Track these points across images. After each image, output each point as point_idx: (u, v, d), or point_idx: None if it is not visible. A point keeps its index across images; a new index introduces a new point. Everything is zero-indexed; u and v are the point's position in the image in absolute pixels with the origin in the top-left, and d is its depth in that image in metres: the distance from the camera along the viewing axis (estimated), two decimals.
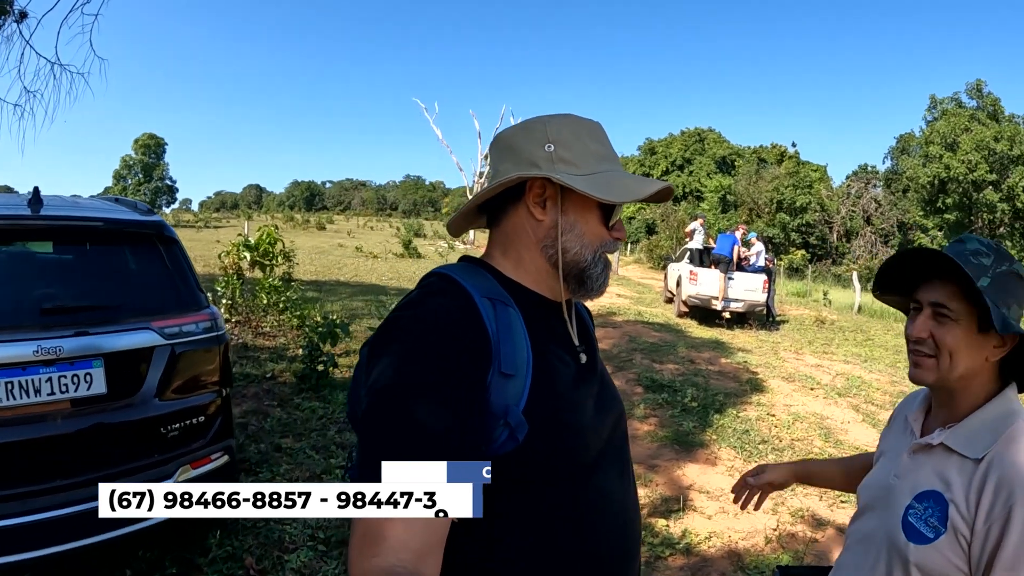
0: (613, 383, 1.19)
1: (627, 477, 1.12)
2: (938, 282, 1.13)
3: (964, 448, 1.11)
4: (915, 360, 1.17)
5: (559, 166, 1.00)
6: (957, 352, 1.11)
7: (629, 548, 1.08)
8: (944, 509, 1.08)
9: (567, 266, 1.04)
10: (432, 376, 0.86)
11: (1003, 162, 28.93)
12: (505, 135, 1.08)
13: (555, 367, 1.00)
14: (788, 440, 5.63)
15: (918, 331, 1.14)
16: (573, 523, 0.98)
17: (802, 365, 8.95)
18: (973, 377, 1.14)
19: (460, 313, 0.93)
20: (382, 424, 0.85)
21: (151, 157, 64.39)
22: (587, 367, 1.09)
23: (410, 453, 0.82)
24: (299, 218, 59.54)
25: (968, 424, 1.13)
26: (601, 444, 1.05)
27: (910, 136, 35.57)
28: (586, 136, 1.05)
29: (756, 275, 12.14)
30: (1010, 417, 1.11)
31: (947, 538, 1.06)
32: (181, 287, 2.91)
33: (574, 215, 1.03)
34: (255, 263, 8.62)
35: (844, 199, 38.16)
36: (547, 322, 1.05)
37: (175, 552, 3.01)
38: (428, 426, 0.83)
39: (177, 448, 2.75)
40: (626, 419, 1.20)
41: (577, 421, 1.01)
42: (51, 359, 2.46)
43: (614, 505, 1.05)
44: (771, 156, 48.21)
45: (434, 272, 1.04)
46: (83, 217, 2.81)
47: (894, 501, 1.18)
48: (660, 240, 28.56)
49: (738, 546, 3.67)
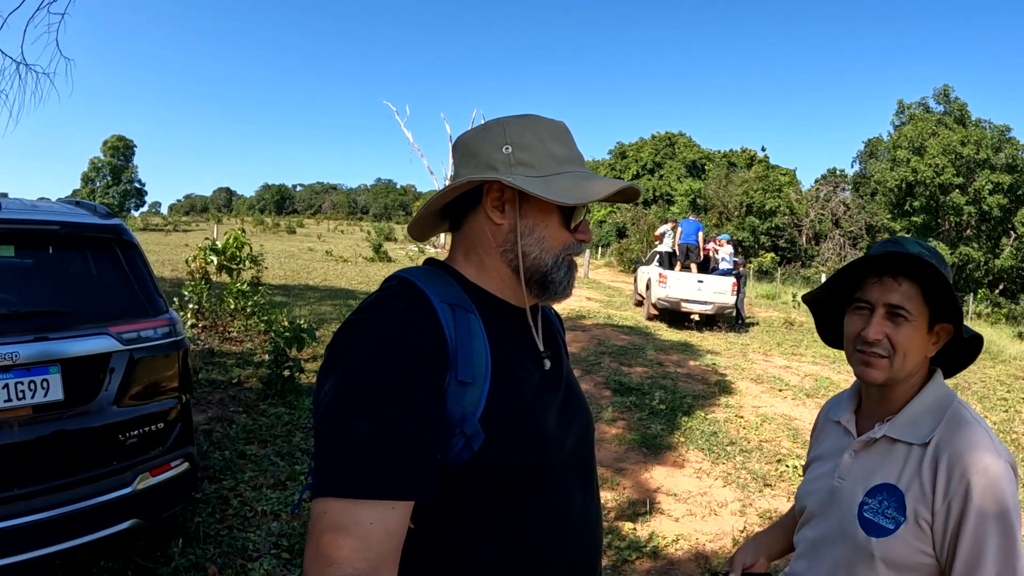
0: (581, 390, 1.18)
1: (590, 489, 1.11)
2: (893, 282, 1.14)
3: (908, 436, 1.14)
4: (867, 360, 1.17)
5: (517, 168, 0.98)
6: (910, 352, 1.15)
7: (588, 563, 1.06)
8: (900, 498, 1.11)
9: (528, 271, 1.01)
10: (389, 379, 0.84)
11: (969, 166, 29.55)
12: (465, 137, 1.06)
13: (516, 376, 0.98)
14: (756, 441, 5.71)
15: (874, 333, 1.15)
16: (531, 536, 0.96)
17: (771, 367, 9.08)
18: (914, 372, 1.19)
19: (418, 318, 0.91)
20: (336, 430, 0.83)
21: (120, 159, 63.00)
22: (552, 374, 1.07)
23: (365, 458, 0.81)
24: (269, 221, 58.71)
25: (907, 413, 1.17)
26: (564, 455, 1.03)
27: (878, 140, 36.21)
28: (547, 137, 1.02)
29: (725, 278, 12.30)
30: (946, 399, 1.17)
31: (908, 526, 1.09)
32: (139, 292, 2.85)
33: (533, 219, 1.01)
34: (222, 267, 8.48)
35: (813, 202, 38.80)
36: (510, 329, 1.03)
37: (137, 562, 2.95)
38: (383, 430, 0.82)
39: (136, 455, 2.70)
40: (594, 428, 1.19)
41: (537, 431, 0.98)
42: (7, 365, 2.40)
43: (575, 518, 1.03)
44: (741, 160, 48.97)
45: (395, 276, 1.02)
46: (40, 221, 2.74)
47: (844, 502, 1.19)
48: (631, 243, 28.75)
49: (705, 548, 3.71)
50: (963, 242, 30.78)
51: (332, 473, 0.82)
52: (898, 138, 32.00)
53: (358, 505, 0.80)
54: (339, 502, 0.80)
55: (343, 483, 0.81)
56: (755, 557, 1.48)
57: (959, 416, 1.13)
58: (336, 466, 0.82)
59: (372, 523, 0.80)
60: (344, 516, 0.79)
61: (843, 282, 1.24)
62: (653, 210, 39.20)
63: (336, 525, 0.79)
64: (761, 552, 1.48)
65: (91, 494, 2.54)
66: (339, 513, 0.79)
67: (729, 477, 4.82)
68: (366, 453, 0.82)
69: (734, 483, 4.71)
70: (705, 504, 4.31)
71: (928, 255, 1.15)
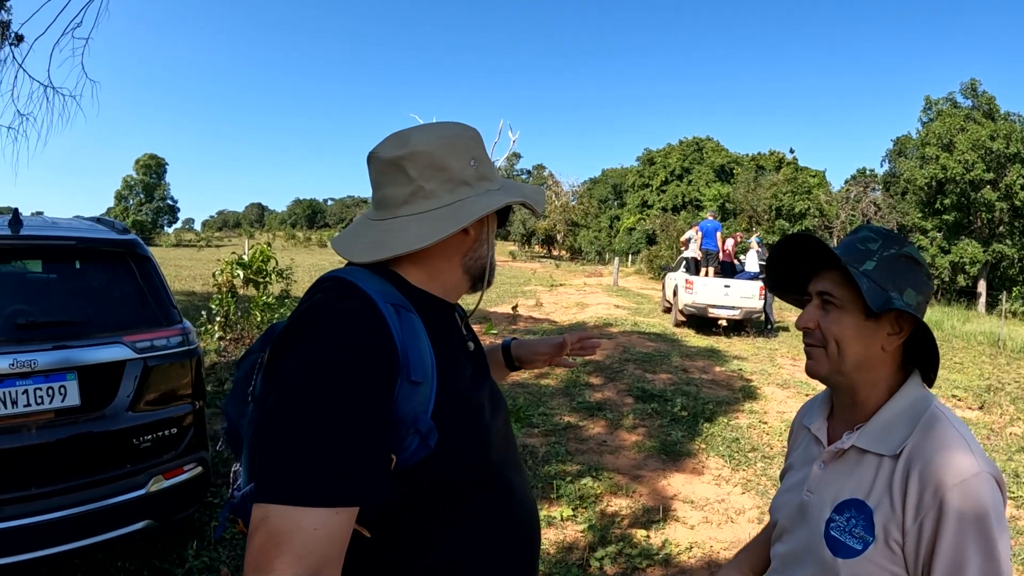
0: (496, 384, 1.20)
1: (523, 473, 1.16)
2: (825, 271, 1.12)
3: (878, 446, 1.05)
4: (807, 352, 1.14)
5: (482, 183, 1.03)
6: (844, 340, 1.08)
7: (535, 542, 1.12)
8: (868, 516, 1.02)
9: (480, 268, 1.09)
10: (337, 382, 0.83)
11: (1000, 160, 28.73)
12: (425, 150, 1.00)
13: (457, 372, 1.00)
14: (779, 447, 5.62)
15: (804, 321, 1.12)
16: (484, 525, 1.00)
17: (798, 372, 8.91)
18: (872, 369, 1.10)
19: (366, 319, 0.90)
20: (280, 433, 0.82)
21: (152, 177, 64.78)
22: (479, 367, 1.10)
23: (309, 463, 0.80)
24: (301, 236, 59.73)
25: (878, 420, 1.07)
26: (500, 441, 1.08)
27: (907, 138, 35.45)
28: (483, 146, 1.09)
29: (752, 282, 12.13)
30: (920, 404, 1.06)
31: (877, 546, 1.00)
32: (153, 303, 2.97)
33: (490, 225, 1.09)
34: (248, 281, 8.66)
35: (843, 204, 38.10)
36: (444, 324, 1.05)
37: (153, 563, 3.04)
38: (329, 434, 0.81)
39: (149, 459, 2.80)
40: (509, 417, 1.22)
41: (480, 423, 1.02)
42: (26, 372, 2.53)
43: (519, 501, 1.08)
44: (769, 163, 48.37)
45: (330, 275, 1.01)
46: (59, 236, 2.90)
47: (812, 517, 1.11)
48: (660, 250, 28.61)
49: (719, 556, 3.65)
50: (996, 239, 29.92)
51: (275, 478, 0.80)
52: (926, 135, 31.25)
53: (300, 511, 0.78)
54: (281, 508, 0.78)
55: (285, 489, 0.79)
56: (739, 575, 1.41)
57: (935, 423, 1.02)
58: (279, 471, 0.80)
59: (315, 528, 0.78)
60: (285, 521, 0.78)
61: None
62: (682, 216, 38.95)
63: (277, 531, 0.78)
64: (743, 570, 1.41)
65: (106, 495, 2.65)
66: (280, 519, 0.78)
67: (749, 484, 4.75)
68: (310, 458, 0.80)
69: (753, 490, 4.64)
70: (722, 511, 4.25)
71: (859, 240, 1.10)
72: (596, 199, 56.91)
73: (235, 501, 0.94)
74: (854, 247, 1.10)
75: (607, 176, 64.49)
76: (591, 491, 4.38)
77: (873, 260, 1.07)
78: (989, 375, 9.50)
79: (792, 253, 1.18)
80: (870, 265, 1.07)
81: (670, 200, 48.07)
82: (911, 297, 1.06)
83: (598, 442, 5.49)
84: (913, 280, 1.08)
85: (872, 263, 1.07)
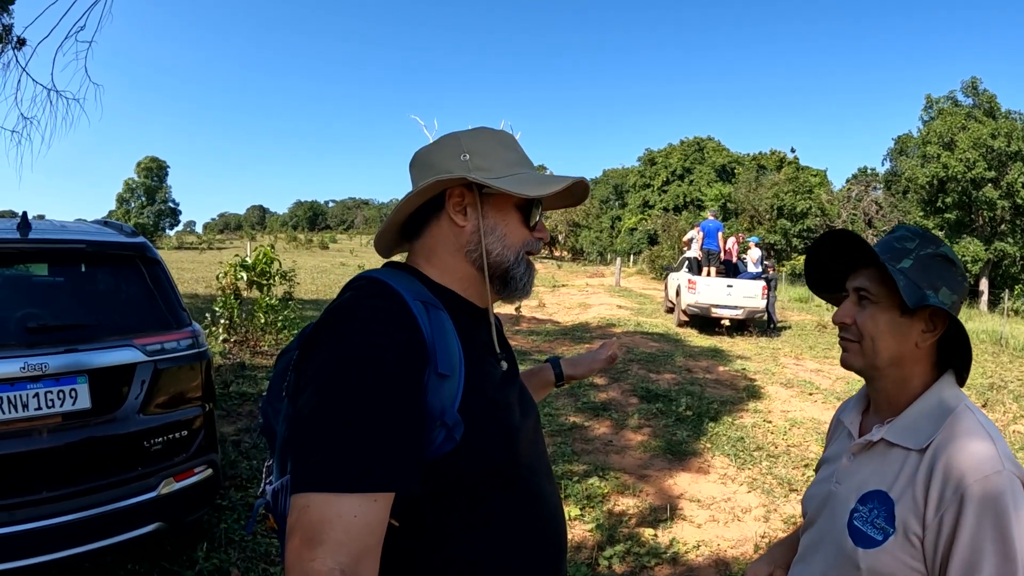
0: (528, 390, 1.22)
1: (551, 478, 1.16)
2: (862, 268, 1.14)
3: (906, 440, 1.07)
4: (842, 345, 1.17)
5: (475, 173, 1.03)
6: (879, 336, 1.11)
7: (562, 545, 1.12)
8: (890, 508, 1.04)
9: (491, 268, 1.07)
10: (371, 375, 0.86)
11: (1001, 159, 28.69)
12: (421, 153, 1.11)
13: (484, 371, 1.02)
14: (784, 446, 5.63)
15: (841, 316, 1.15)
16: (515, 521, 1.01)
17: (802, 370, 8.94)
18: (905, 365, 1.12)
19: (396, 315, 0.93)
20: (318, 424, 0.84)
21: (154, 180, 64.62)
22: (509, 373, 1.12)
23: (348, 451, 0.83)
24: (302, 238, 59.84)
25: (907, 415, 1.10)
26: (529, 445, 1.09)
27: (908, 137, 35.33)
28: (499, 145, 1.09)
29: (754, 282, 12.14)
30: (950, 402, 1.08)
31: (897, 538, 1.02)
32: (163, 306, 2.97)
33: (494, 218, 1.06)
34: (252, 283, 8.68)
35: (845, 203, 38.06)
36: (474, 326, 1.07)
37: (163, 565, 3.04)
38: (365, 424, 0.84)
39: (160, 461, 2.80)
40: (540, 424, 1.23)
41: (507, 422, 1.03)
42: (37, 375, 2.53)
43: (547, 505, 1.08)
44: (771, 162, 48.24)
45: (363, 275, 1.06)
46: (69, 240, 2.90)
47: (838, 507, 1.14)
48: (662, 250, 28.59)
49: (727, 554, 3.66)
50: (997, 237, 29.85)
51: (314, 467, 0.82)
52: (927, 134, 31.16)
53: (340, 498, 0.80)
54: (321, 496, 0.81)
55: (325, 477, 0.81)
56: (769, 569, 1.42)
57: (963, 420, 1.04)
58: (319, 460, 0.82)
59: (355, 516, 0.80)
60: (327, 509, 0.80)
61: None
62: (684, 216, 38.89)
63: (319, 519, 0.79)
64: (776, 563, 1.41)
65: (117, 498, 2.66)
66: (320, 507, 0.80)
67: (754, 483, 4.76)
68: (348, 447, 0.83)
69: (759, 488, 4.65)
70: (728, 510, 4.26)
71: (896, 239, 1.13)
72: (597, 199, 56.86)
73: (267, 498, 0.97)
74: (891, 245, 1.13)
75: (608, 176, 64.41)
76: (598, 491, 4.39)
77: (910, 258, 1.10)
78: (992, 373, 9.49)
79: (829, 250, 1.21)
80: (907, 263, 1.10)
81: (671, 200, 47.95)
82: (946, 296, 1.08)
83: (604, 442, 5.50)
84: (948, 279, 1.10)
85: (909, 261, 1.10)
